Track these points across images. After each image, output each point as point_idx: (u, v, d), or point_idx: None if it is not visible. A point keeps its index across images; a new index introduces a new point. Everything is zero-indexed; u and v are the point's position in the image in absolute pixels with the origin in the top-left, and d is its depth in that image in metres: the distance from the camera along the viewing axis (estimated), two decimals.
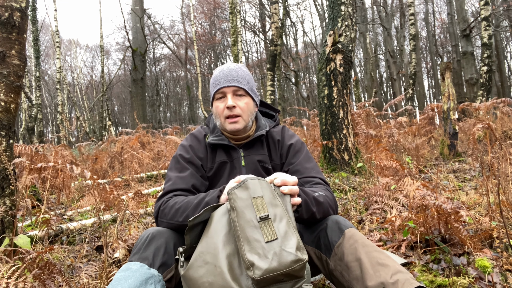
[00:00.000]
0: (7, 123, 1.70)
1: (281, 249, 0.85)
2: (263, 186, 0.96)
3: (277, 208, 0.94)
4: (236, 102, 1.30)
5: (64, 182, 3.25)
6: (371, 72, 17.08)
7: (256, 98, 1.38)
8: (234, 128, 1.31)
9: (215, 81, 1.33)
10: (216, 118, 1.36)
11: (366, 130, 4.36)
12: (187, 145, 1.38)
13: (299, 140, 1.41)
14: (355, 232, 1.08)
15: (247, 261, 0.84)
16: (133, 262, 1.00)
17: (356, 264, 1.00)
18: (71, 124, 14.69)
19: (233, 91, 1.31)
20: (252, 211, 0.90)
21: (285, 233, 0.89)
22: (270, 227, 0.88)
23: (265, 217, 0.89)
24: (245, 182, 0.95)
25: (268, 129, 1.41)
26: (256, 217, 0.89)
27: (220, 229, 0.94)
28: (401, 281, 0.92)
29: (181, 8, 26.48)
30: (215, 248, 0.91)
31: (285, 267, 0.84)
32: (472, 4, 22.45)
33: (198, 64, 16.74)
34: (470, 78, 11.50)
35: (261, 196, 0.93)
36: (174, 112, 33.12)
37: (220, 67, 1.36)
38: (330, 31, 4.11)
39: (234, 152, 1.37)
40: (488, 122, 2.71)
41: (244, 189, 0.94)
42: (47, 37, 26.10)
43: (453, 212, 1.66)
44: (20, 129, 14.95)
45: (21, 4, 1.77)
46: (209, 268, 0.89)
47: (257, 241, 0.86)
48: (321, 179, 1.30)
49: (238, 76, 1.31)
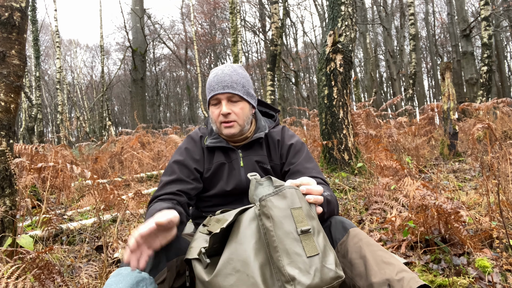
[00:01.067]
0: (7, 123, 1.70)
1: (322, 265, 0.83)
2: (300, 197, 0.93)
3: (314, 221, 0.91)
4: (231, 108, 1.30)
5: (64, 182, 3.25)
6: (371, 72, 17.08)
7: (252, 101, 1.37)
8: (229, 133, 1.32)
9: (209, 87, 1.32)
10: (212, 123, 1.36)
11: (366, 130, 4.36)
12: (183, 147, 1.39)
13: (299, 140, 1.41)
14: (359, 231, 1.09)
15: (287, 275, 0.81)
16: (124, 267, 1.00)
17: (360, 262, 1.00)
18: (71, 124, 14.69)
19: (227, 98, 1.30)
20: (292, 222, 0.87)
21: (324, 248, 0.87)
22: (311, 241, 0.85)
23: (306, 230, 0.86)
24: (283, 191, 0.90)
25: (267, 130, 1.41)
26: (297, 230, 0.86)
27: (250, 236, 0.90)
28: (406, 279, 0.92)
29: (181, 8, 26.51)
30: (247, 256, 0.86)
31: (326, 283, 0.82)
32: (472, 4, 22.46)
33: (198, 64, 16.75)
34: (470, 78, 11.50)
35: (300, 207, 0.90)
36: (174, 112, 33.12)
37: (215, 70, 1.34)
38: (330, 31, 4.11)
39: (233, 153, 1.37)
40: (488, 122, 2.71)
41: (282, 198, 0.90)
42: (47, 37, 26.11)
43: (453, 212, 1.66)
44: (20, 129, 14.95)
45: (21, 4, 1.77)
46: (241, 276, 0.85)
47: (298, 255, 0.83)
48: (322, 179, 1.30)
49: (232, 82, 1.29)
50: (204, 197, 1.38)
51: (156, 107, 26.33)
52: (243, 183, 1.33)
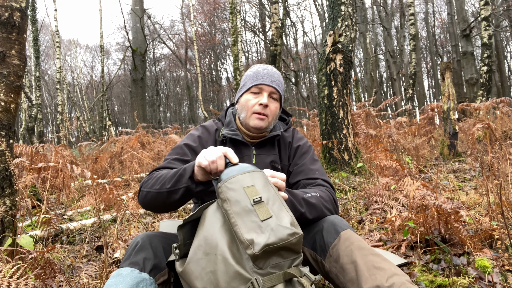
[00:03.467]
0: (7, 123, 1.70)
1: (277, 225, 0.87)
2: (254, 177, 0.98)
3: (270, 193, 0.95)
4: (269, 103, 1.33)
5: (64, 182, 3.25)
6: (371, 72, 17.08)
7: (282, 106, 1.43)
8: (258, 125, 1.32)
9: (256, 75, 1.35)
10: (242, 110, 1.36)
11: (366, 130, 4.36)
12: (196, 135, 1.37)
13: (306, 142, 1.44)
14: (351, 234, 1.08)
15: (245, 241, 0.85)
16: (124, 268, 0.99)
17: (351, 267, 1.00)
18: (71, 124, 14.69)
19: (270, 92, 1.34)
20: (246, 197, 0.92)
21: (278, 212, 0.91)
22: (264, 208, 0.90)
23: (258, 200, 0.91)
24: (235, 177, 0.96)
25: (282, 130, 1.44)
26: (250, 202, 0.90)
27: (215, 222, 0.94)
28: (397, 284, 0.91)
29: (181, 8, 26.46)
30: (214, 239, 0.91)
31: (282, 240, 0.85)
32: (472, 4, 22.46)
33: (198, 64, 16.75)
34: (470, 78, 11.50)
35: (252, 185, 0.95)
36: (174, 112, 33.11)
37: (262, 65, 1.40)
38: (330, 31, 4.11)
39: (246, 149, 1.36)
40: (488, 122, 2.71)
41: (235, 182, 0.95)
42: (47, 37, 26.09)
43: (453, 212, 1.66)
44: (20, 129, 14.95)
45: (21, 4, 1.77)
46: (211, 258, 0.89)
47: (253, 222, 0.88)
48: (324, 180, 1.31)
49: (279, 81, 1.37)
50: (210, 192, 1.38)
51: (156, 107, 26.33)
52: None
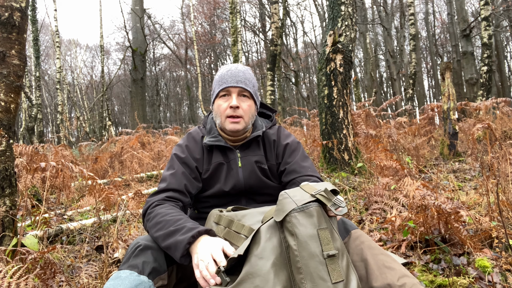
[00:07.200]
0: (7, 123, 1.70)
1: None
2: (325, 215, 0.89)
3: (338, 242, 0.88)
4: (240, 103, 1.31)
5: (64, 182, 3.25)
6: (371, 72, 17.08)
7: (257, 101, 1.40)
8: (234, 128, 1.31)
9: (221, 79, 1.32)
10: (217, 117, 1.35)
11: (366, 130, 4.36)
12: (183, 144, 1.37)
13: (294, 140, 1.42)
14: (361, 233, 1.09)
15: None
16: (123, 271, 0.99)
17: (361, 264, 1.00)
18: (71, 124, 14.69)
19: (238, 92, 1.31)
20: (318, 244, 0.83)
21: (347, 273, 0.85)
22: (336, 266, 0.83)
23: (333, 255, 0.83)
24: (310, 209, 0.86)
25: (264, 129, 1.41)
26: (323, 253, 0.82)
27: (270, 250, 0.85)
28: (408, 285, 0.91)
29: (181, 8, 26.49)
30: (267, 273, 0.82)
31: None
32: (472, 4, 22.46)
33: (198, 64, 16.74)
34: (470, 78, 11.50)
35: (326, 228, 0.86)
36: (174, 112, 33.11)
37: (227, 66, 1.36)
38: (330, 31, 4.11)
39: (231, 153, 1.36)
40: (488, 122, 2.71)
41: (308, 216, 0.86)
42: (47, 37, 26.08)
43: (453, 212, 1.66)
44: (20, 129, 14.94)
45: (21, 4, 1.77)
46: None
47: (322, 280, 0.80)
48: (318, 177, 1.31)
49: (245, 78, 1.32)
50: (201, 197, 1.38)
51: (156, 107, 26.33)
52: (241, 183, 1.33)
